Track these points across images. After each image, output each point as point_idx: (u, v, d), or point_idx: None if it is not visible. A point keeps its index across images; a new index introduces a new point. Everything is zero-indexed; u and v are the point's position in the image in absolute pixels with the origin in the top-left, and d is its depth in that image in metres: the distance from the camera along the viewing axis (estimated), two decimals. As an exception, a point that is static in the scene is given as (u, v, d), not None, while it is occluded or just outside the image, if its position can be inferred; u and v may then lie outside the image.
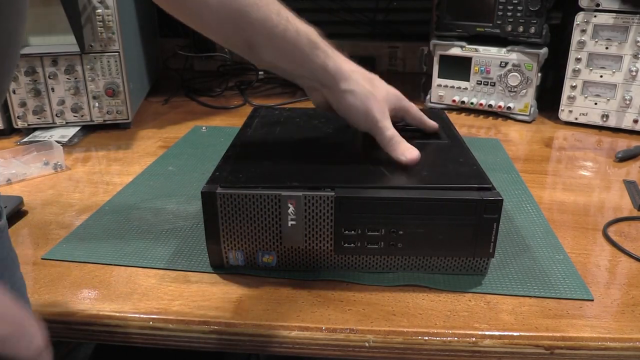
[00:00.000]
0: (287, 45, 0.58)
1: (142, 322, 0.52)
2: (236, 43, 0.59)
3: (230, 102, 1.25)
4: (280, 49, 0.58)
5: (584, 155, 0.95)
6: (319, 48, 0.59)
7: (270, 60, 0.60)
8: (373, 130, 0.61)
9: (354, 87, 0.60)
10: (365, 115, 0.61)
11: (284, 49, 0.58)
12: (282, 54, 0.59)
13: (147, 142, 0.99)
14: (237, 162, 0.61)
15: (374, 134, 0.62)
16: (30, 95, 0.97)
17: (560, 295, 0.55)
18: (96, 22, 0.96)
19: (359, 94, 0.60)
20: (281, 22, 0.56)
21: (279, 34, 0.57)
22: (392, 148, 0.60)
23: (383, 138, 0.61)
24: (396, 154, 0.60)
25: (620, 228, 0.70)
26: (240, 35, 0.57)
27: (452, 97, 1.17)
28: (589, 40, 1.03)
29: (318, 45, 0.59)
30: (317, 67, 0.59)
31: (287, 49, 0.58)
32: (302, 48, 0.58)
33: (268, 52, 0.58)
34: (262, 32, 0.56)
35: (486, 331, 0.50)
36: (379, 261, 0.58)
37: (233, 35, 0.57)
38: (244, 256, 0.58)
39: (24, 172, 0.84)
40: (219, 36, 0.59)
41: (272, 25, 0.56)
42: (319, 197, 0.54)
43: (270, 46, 0.58)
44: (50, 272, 0.59)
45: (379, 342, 0.50)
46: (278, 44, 0.58)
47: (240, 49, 0.59)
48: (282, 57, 0.59)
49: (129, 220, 0.70)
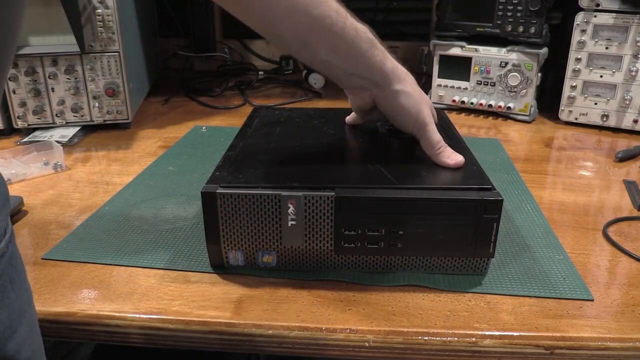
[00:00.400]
0: (345, 43, 0.57)
1: (142, 322, 0.52)
2: (290, 42, 0.58)
3: (230, 102, 1.25)
4: (337, 46, 0.58)
5: (584, 155, 0.95)
6: (377, 47, 0.59)
7: (324, 58, 0.59)
8: (420, 133, 0.62)
9: (408, 89, 0.61)
10: (416, 117, 0.62)
11: (341, 47, 0.58)
12: (339, 52, 0.58)
13: (147, 142, 0.99)
14: (237, 162, 0.61)
15: (419, 136, 0.63)
16: (30, 95, 0.97)
17: (560, 295, 0.55)
18: (96, 22, 0.96)
19: (412, 96, 0.61)
20: (340, 20, 0.56)
21: (337, 31, 0.56)
22: (438, 151, 0.61)
23: (430, 141, 0.62)
24: (442, 157, 0.61)
25: (620, 228, 0.70)
26: (295, 32, 0.56)
27: (452, 97, 1.17)
28: (589, 40, 1.03)
29: (376, 44, 0.59)
30: (373, 65, 0.59)
31: (344, 47, 0.58)
32: (361, 46, 0.58)
33: (324, 50, 0.58)
34: (320, 30, 0.56)
35: (486, 331, 0.50)
36: (379, 261, 0.58)
37: (289, 33, 0.56)
38: (244, 256, 0.58)
39: (24, 172, 0.84)
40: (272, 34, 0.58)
41: (330, 22, 0.56)
42: (319, 197, 0.54)
43: (327, 43, 0.57)
44: (50, 272, 0.59)
45: (379, 342, 0.50)
46: (336, 41, 0.57)
47: (294, 47, 0.59)
48: (338, 55, 0.59)
49: (129, 220, 0.70)
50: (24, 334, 0.41)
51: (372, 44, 0.59)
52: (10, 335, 0.40)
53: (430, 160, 0.62)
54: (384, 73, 0.60)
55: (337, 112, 0.81)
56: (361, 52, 0.58)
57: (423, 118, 0.62)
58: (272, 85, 1.41)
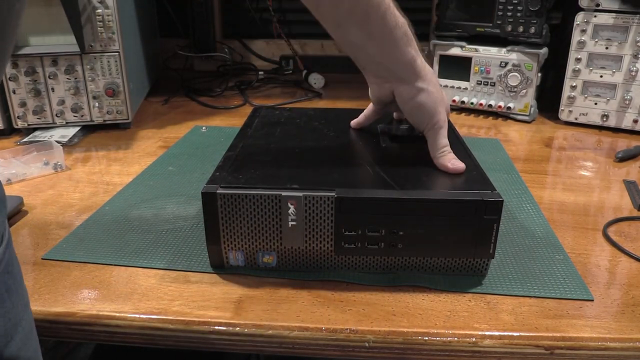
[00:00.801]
0: (381, 33, 0.56)
1: (142, 322, 0.52)
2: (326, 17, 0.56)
3: (230, 102, 1.25)
4: (373, 33, 0.56)
5: (584, 155, 0.95)
6: (412, 45, 0.59)
7: (356, 41, 0.58)
8: (431, 132, 0.62)
9: (431, 88, 0.61)
10: (431, 117, 0.61)
11: (377, 35, 0.57)
12: (373, 39, 0.57)
13: (147, 142, 0.99)
14: (237, 163, 0.61)
15: (429, 136, 0.62)
16: (30, 95, 0.97)
17: (560, 295, 0.55)
18: (96, 22, 0.96)
19: (433, 95, 0.61)
20: (382, 6, 0.55)
21: (378, 18, 0.55)
22: (441, 154, 0.61)
23: (438, 143, 0.61)
24: (443, 161, 0.61)
25: (620, 228, 0.70)
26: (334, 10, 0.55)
27: (452, 97, 1.17)
28: (589, 40, 1.03)
29: (412, 41, 0.59)
30: (404, 61, 0.59)
31: (379, 35, 0.57)
32: (397, 39, 0.57)
33: (358, 33, 0.57)
34: (360, 12, 0.55)
35: (486, 331, 0.50)
36: (379, 262, 0.58)
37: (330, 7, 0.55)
38: (244, 256, 0.58)
39: (24, 172, 0.84)
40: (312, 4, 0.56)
41: (375, 4, 0.54)
42: (319, 197, 0.54)
43: (364, 28, 0.56)
44: (50, 272, 0.59)
45: (379, 342, 0.50)
46: (373, 28, 0.56)
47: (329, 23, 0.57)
48: (371, 42, 0.57)
49: (129, 220, 0.70)
50: (19, 341, 0.41)
51: (408, 39, 0.58)
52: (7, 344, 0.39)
53: (430, 165, 0.61)
54: (412, 69, 0.60)
55: (337, 112, 0.81)
56: (396, 45, 0.58)
57: (437, 120, 0.62)
58: (272, 85, 1.41)
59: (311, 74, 1.37)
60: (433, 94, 0.61)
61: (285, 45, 1.48)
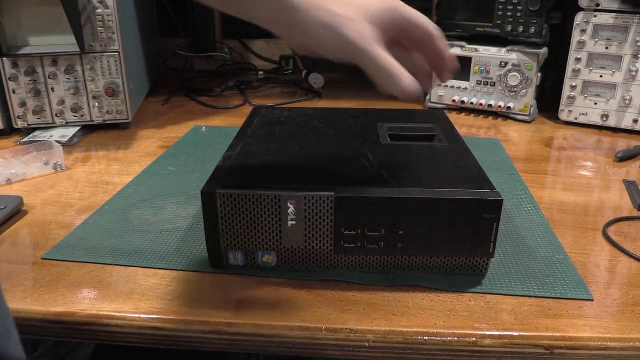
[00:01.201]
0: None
1: (142, 322, 0.52)
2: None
3: (230, 102, 1.25)
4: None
5: (584, 155, 0.95)
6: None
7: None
8: (360, 63, 0.47)
9: (311, 15, 0.45)
10: (344, 46, 0.46)
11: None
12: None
13: (147, 142, 0.99)
14: (237, 163, 0.61)
15: (364, 69, 0.48)
16: (30, 95, 0.97)
17: (560, 295, 0.55)
18: (96, 22, 0.96)
19: (327, 22, 0.45)
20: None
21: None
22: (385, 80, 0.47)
23: (374, 69, 0.47)
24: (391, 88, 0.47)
25: (620, 228, 0.70)
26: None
27: (452, 97, 1.17)
28: (589, 40, 1.03)
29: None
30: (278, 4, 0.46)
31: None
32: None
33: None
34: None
35: (486, 331, 0.50)
36: (379, 261, 0.58)
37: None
38: (244, 256, 0.58)
39: (24, 172, 0.84)
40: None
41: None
42: (319, 197, 0.54)
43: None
44: (50, 272, 0.59)
45: (379, 342, 0.50)
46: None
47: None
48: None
49: (129, 220, 0.70)
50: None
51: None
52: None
53: (431, 164, 0.61)
54: (287, 9, 0.46)
55: (337, 112, 0.81)
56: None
57: (351, 42, 0.45)
58: (272, 85, 1.41)
59: (311, 74, 1.37)
60: (325, 20, 0.45)
61: (285, 45, 1.48)
